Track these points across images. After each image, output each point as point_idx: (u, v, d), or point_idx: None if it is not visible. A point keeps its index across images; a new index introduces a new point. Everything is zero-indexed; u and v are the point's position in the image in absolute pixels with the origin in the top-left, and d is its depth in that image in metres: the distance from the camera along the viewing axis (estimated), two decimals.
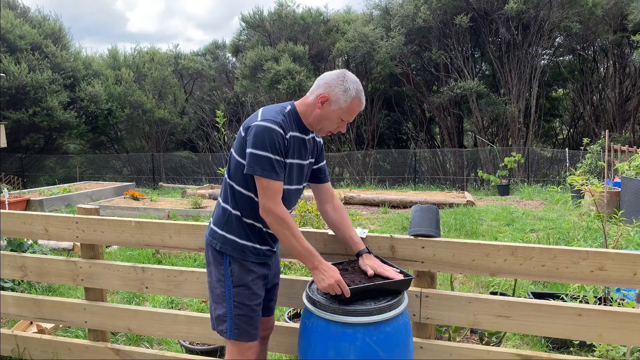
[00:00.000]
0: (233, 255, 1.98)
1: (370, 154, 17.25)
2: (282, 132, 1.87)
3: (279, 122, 1.88)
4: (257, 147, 1.85)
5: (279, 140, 1.86)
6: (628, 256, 1.96)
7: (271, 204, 1.88)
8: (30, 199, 10.04)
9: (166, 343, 3.32)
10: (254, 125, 1.89)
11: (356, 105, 1.95)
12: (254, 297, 1.99)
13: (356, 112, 1.98)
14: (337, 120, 1.97)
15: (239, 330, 1.97)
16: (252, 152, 1.86)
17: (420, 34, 17.04)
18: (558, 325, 2.06)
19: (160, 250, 5.51)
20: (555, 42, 17.57)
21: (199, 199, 9.42)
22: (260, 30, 19.98)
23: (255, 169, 1.85)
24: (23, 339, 2.89)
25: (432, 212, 2.29)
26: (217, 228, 2.03)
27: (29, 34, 17.19)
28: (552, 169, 15.26)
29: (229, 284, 1.98)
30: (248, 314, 1.98)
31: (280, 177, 1.88)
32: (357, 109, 1.97)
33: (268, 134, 1.85)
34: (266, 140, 1.85)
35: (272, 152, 1.85)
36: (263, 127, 1.86)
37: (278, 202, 1.89)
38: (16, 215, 2.73)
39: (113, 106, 18.96)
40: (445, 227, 6.86)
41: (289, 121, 1.95)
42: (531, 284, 4.27)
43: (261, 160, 1.84)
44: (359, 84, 1.96)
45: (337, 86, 1.92)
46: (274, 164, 1.86)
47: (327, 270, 1.89)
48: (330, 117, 1.96)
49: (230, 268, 1.98)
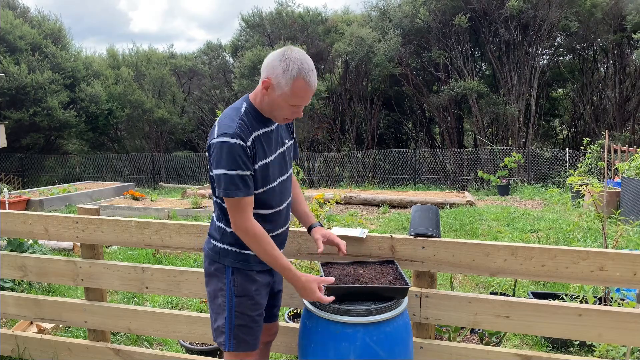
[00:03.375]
0: (236, 266, 1.94)
1: (370, 154, 17.25)
2: (241, 143, 1.75)
3: (234, 132, 1.75)
4: (218, 167, 1.76)
5: (240, 153, 1.75)
6: (628, 256, 1.97)
7: (241, 220, 1.81)
8: (30, 199, 10.04)
9: (166, 343, 3.32)
10: (212, 144, 1.79)
11: (301, 88, 1.74)
12: (255, 307, 1.97)
13: (304, 95, 1.76)
14: (286, 105, 1.78)
15: (237, 341, 1.95)
16: (215, 173, 1.78)
17: (420, 34, 17.04)
18: (558, 325, 2.06)
19: (160, 250, 5.51)
20: (555, 42, 17.57)
21: (199, 199, 9.42)
22: (259, 30, 19.98)
23: (220, 191, 1.79)
24: (23, 339, 2.89)
25: (432, 212, 2.29)
26: (215, 242, 1.98)
27: (28, 34, 17.19)
28: (552, 169, 15.25)
29: (231, 293, 1.94)
30: (248, 324, 1.95)
31: (247, 190, 1.79)
32: (304, 92, 1.75)
33: (226, 150, 1.74)
34: (225, 158, 1.75)
35: (234, 169, 1.75)
36: (220, 144, 1.75)
37: (247, 218, 1.82)
38: (16, 215, 2.73)
39: (113, 106, 18.96)
40: (445, 227, 6.86)
41: (247, 123, 1.82)
42: (531, 284, 4.27)
43: (224, 180, 1.76)
44: (302, 61, 1.73)
45: (277, 67, 1.73)
46: (237, 181, 1.76)
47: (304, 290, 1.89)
48: (278, 103, 1.78)
49: (233, 278, 1.93)
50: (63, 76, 17.57)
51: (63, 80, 17.52)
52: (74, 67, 18.28)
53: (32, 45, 17.13)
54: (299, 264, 4.29)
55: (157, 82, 20.55)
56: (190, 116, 22.16)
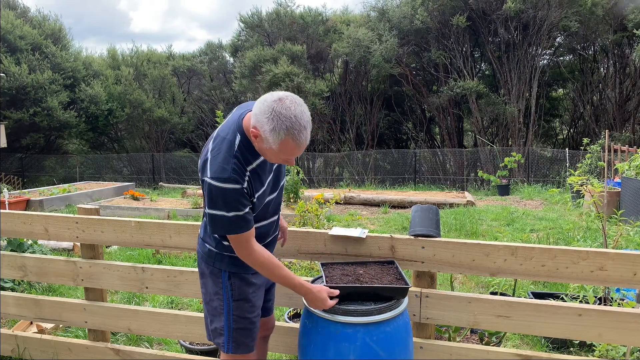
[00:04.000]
0: (232, 271, 1.93)
1: (370, 154, 17.25)
2: (236, 187, 1.69)
3: (229, 177, 1.68)
4: (213, 208, 1.71)
5: (236, 197, 1.70)
6: (628, 256, 1.97)
7: (246, 252, 1.81)
8: (30, 199, 10.03)
9: (166, 343, 3.32)
10: (206, 183, 1.71)
11: (289, 147, 1.64)
12: (253, 310, 1.98)
13: (293, 152, 1.67)
14: (275, 159, 1.73)
15: (237, 344, 1.95)
16: (210, 212, 1.73)
17: (419, 34, 17.03)
18: (558, 325, 2.06)
19: (160, 250, 5.51)
20: (555, 42, 17.56)
21: (199, 199, 9.41)
22: (259, 31, 19.98)
23: (217, 230, 1.78)
24: (23, 339, 2.89)
25: (432, 212, 2.29)
26: (210, 246, 1.96)
27: (29, 34, 17.20)
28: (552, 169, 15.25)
29: (228, 297, 1.93)
30: (247, 327, 1.96)
31: (247, 225, 1.75)
32: (292, 150, 1.66)
33: (222, 195, 1.69)
34: (222, 202, 1.70)
35: (232, 211, 1.70)
36: (216, 188, 1.68)
37: (251, 248, 1.80)
38: (16, 215, 2.73)
39: (113, 106, 18.97)
40: (445, 227, 6.86)
41: (242, 159, 1.73)
42: (531, 284, 4.26)
43: (221, 221, 1.73)
44: (293, 120, 1.60)
45: (265, 123, 1.62)
46: (235, 220, 1.72)
47: (316, 300, 1.88)
48: (267, 154, 1.72)
49: (230, 282, 1.93)
50: (63, 76, 17.57)
51: (63, 81, 17.53)
52: (74, 67, 18.28)
53: (32, 45, 17.13)
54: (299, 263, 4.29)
55: (157, 82, 20.56)
56: (190, 116, 22.16)
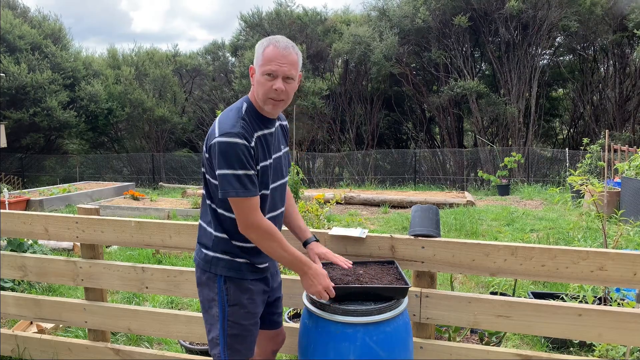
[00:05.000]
0: (228, 275, 1.91)
1: (370, 154, 17.25)
2: (244, 143, 1.75)
3: (238, 132, 1.76)
4: (223, 167, 1.75)
5: (244, 153, 1.75)
6: (628, 256, 1.97)
7: (250, 220, 1.79)
8: (30, 199, 10.03)
9: (166, 343, 3.32)
10: (214, 143, 1.77)
11: (270, 51, 1.80)
12: (249, 317, 1.94)
13: (274, 57, 1.79)
14: (264, 79, 1.80)
15: (232, 351, 1.93)
16: (220, 173, 1.76)
17: (420, 34, 17.03)
18: (558, 325, 2.06)
19: (160, 250, 5.51)
20: (555, 42, 17.57)
21: (199, 199, 9.41)
22: (259, 30, 19.99)
23: (228, 191, 1.75)
24: (23, 339, 2.89)
25: (432, 212, 2.29)
26: (207, 250, 1.95)
27: (28, 34, 17.20)
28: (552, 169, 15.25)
29: (224, 302, 1.91)
30: (242, 334, 1.94)
31: (254, 191, 1.77)
32: (273, 54, 1.79)
33: (231, 149, 1.74)
34: (231, 158, 1.74)
35: (240, 168, 1.74)
36: (223, 144, 1.74)
37: (258, 217, 1.80)
38: (16, 215, 2.73)
39: (113, 105, 18.96)
40: (445, 227, 6.86)
41: (250, 122, 1.83)
42: (531, 284, 4.26)
43: (231, 180, 1.74)
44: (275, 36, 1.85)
45: (256, 51, 1.85)
46: (245, 180, 1.75)
47: (316, 277, 1.86)
48: (259, 80, 1.82)
49: (225, 287, 1.91)
50: (63, 76, 17.57)
51: (63, 80, 17.53)
52: (73, 67, 18.29)
53: (32, 45, 17.13)
54: None
55: (158, 81, 20.55)
56: (190, 116, 22.16)
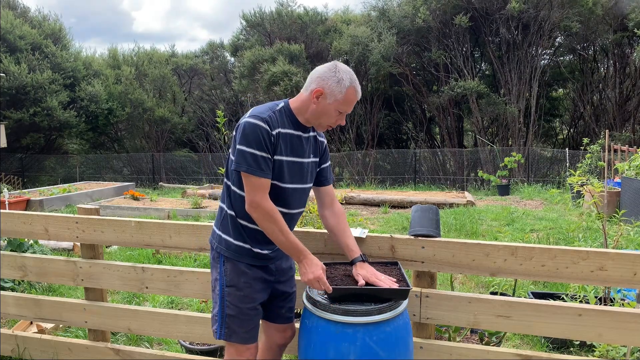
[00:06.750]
0: (227, 255, 1.99)
1: (370, 154, 17.24)
2: (267, 128, 1.86)
3: (264, 118, 1.87)
4: (242, 144, 1.85)
5: (264, 137, 1.85)
6: (628, 256, 1.96)
7: (257, 198, 1.86)
8: (30, 199, 10.03)
9: (166, 343, 3.32)
10: (241, 123, 1.90)
11: (352, 95, 1.91)
12: (246, 300, 1.97)
13: (353, 102, 1.94)
14: (335, 113, 1.93)
15: (229, 330, 1.96)
16: (238, 148, 1.87)
17: (420, 34, 17.02)
18: (558, 325, 2.06)
19: (160, 250, 5.51)
20: (555, 42, 17.55)
21: (199, 199, 9.42)
22: (260, 29, 20.00)
23: (241, 165, 1.85)
24: (23, 339, 2.89)
25: (432, 212, 2.29)
26: (215, 228, 2.06)
27: (29, 34, 17.20)
28: (552, 169, 15.25)
29: (223, 283, 1.99)
30: (238, 316, 1.97)
31: (265, 173, 1.87)
32: (353, 99, 1.93)
33: (252, 130, 1.85)
34: (250, 137, 1.84)
35: (257, 149, 1.84)
36: (248, 123, 1.86)
37: (264, 197, 1.87)
38: (16, 215, 2.73)
39: (113, 105, 18.96)
40: (445, 227, 6.86)
41: (279, 118, 1.93)
42: (531, 284, 4.26)
43: (246, 156, 1.84)
44: (352, 74, 1.93)
45: (330, 78, 1.88)
46: (259, 160, 1.85)
47: (310, 266, 1.90)
48: (328, 110, 1.92)
49: (225, 267, 1.99)
50: (63, 76, 17.57)
51: (63, 80, 17.53)
52: (74, 67, 18.28)
53: (32, 45, 17.13)
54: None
55: (158, 81, 20.56)
56: (190, 116, 22.16)
